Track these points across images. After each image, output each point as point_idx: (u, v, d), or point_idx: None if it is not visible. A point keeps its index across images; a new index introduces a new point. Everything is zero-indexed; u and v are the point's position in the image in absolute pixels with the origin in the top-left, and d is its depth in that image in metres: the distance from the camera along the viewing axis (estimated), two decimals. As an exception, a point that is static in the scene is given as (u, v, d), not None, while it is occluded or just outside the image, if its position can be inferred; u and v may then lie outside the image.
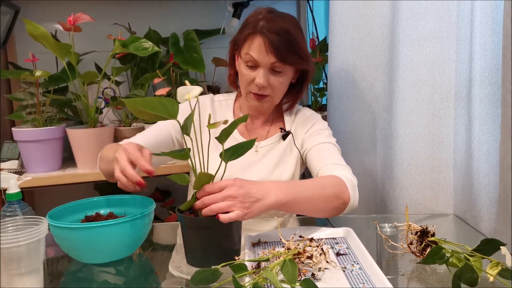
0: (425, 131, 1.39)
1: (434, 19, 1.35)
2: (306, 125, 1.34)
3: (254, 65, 1.22)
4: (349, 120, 1.62)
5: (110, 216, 1.07)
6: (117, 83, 1.82)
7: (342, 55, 1.60)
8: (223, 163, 0.93)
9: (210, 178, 0.95)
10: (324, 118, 1.90)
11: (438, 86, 1.36)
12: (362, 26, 1.53)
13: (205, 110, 1.34)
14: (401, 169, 1.43)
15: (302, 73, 1.31)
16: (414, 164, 1.41)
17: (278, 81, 1.23)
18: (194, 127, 0.91)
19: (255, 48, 1.20)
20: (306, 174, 1.39)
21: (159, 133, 1.30)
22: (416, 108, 1.39)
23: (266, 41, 1.18)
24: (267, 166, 1.30)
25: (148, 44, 1.53)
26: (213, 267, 0.83)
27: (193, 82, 1.88)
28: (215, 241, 0.91)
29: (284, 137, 1.34)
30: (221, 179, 0.96)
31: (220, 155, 0.92)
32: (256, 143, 1.33)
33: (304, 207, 1.09)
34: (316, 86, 1.97)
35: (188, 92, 0.87)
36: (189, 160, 0.94)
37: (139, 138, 1.28)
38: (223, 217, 0.91)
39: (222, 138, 0.91)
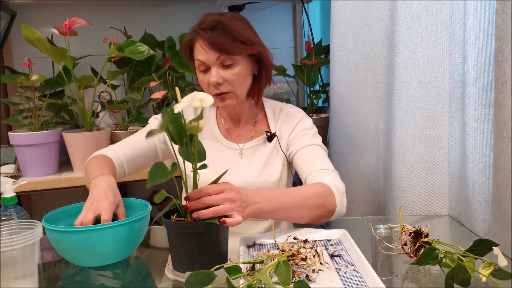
0: (420, 133, 1.40)
1: (428, 21, 1.36)
2: (290, 125, 1.31)
3: (206, 68, 1.22)
4: (352, 121, 1.63)
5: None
6: (113, 87, 1.83)
7: (344, 57, 1.61)
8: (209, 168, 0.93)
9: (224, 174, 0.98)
10: (323, 120, 1.92)
11: (433, 88, 1.37)
12: (363, 29, 1.54)
13: (188, 115, 1.33)
14: (397, 170, 1.44)
15: (259, 61, 1.27)
16: (409, 165, 1.42)
17: (231, 74, 1.20)
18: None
19: (198, 51, 1.21)
20: (297, 180, 1.38)
21: (142, 143, 1.32)
22: (412, 110, 1.40)
23: (202, 40, 1.18)
24: (253, 169, 1.29)
25: (144, 48, 1.54)
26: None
27: (189, 86, 1.88)
28: (204, 245, 0.90)
29: (269, 139, 1.32)
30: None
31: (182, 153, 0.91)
32: (240, 145, 1.32)
33: (286, 216, 1.10)
34: (312, 89, 1.97)
35: (201, 99, 0.83)
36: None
37: (123, 147, 1.31)
38: (230, 222, 0.91)
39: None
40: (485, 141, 1.18)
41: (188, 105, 0.83)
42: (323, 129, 1.93)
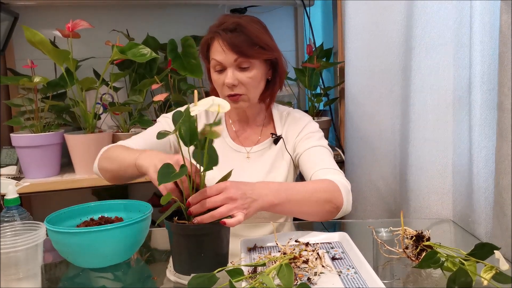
0: (431, 136, 1.41)
1: (440, 25, 1.38)
2: (297, 128, 1.33)
3: (221, 69, 1.22)
4: (368, 125, 1.64)
5: (107, 221, 1.07)
6: (115, 89, 1.83)
7: (358, 61, 1.63)
8: (216, 171, 0.93)
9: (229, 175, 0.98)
10: (324, 123, 1.92)
11: (443, 92, 1.39)
12: (378, 33, 1.56)
13: (199, 118, 1.34)
14: (411, 173, 1.46)
15: (274, 66, 1.28)
16: (421, 168, 1.44)
17: (247, 77, 1.21)
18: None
19: (216, 50, 1.21)
20: (299, 179, 1.39)
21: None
22: (423, 113, 1.42)
23: (222, 41, 1.19)
24: (259, 172, 1.30)
25: (146, 50, 1.54)
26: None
27: (191, 88, 1.89)
28: (205, 247, 0.90)
29: (275, 141, 1.33)
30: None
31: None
32: (247, 148, 1.33)
33: (294, 210, 1.09)
34: (313, 92, 1.98)
35: (219, 104, 0.84)
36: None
37: (138, 140, 1.30)
38: (230, 222, 0.91)
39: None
40: (490, 145, 1.19)
41: (205, 109, 0.84)
42: (325, 132, 1.94)
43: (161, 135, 0.88)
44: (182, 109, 0.94)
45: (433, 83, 1.39)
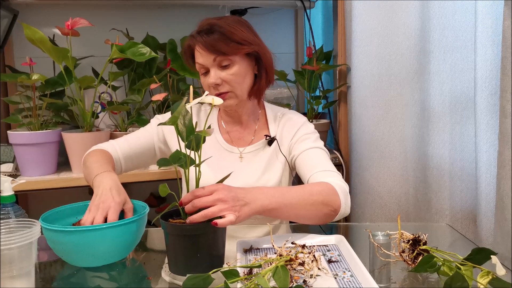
0: (449, 138, 1.44)
1: (456, 29, 1.40)
2: (292, 130, 1.32)
3: (206, 71, 1.24)
4: (376, 127, 1.65)
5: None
6: (114, 88, 1.83)
7: (365, 64, 1.63)
8: (207, 168, 0.94)
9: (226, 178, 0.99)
10: (322, 125, 1.92)
11: (459, 95, 1.41)
12: (387, 36, 1.57)
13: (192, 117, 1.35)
14: (432, 175, 1.48)
15: (258, 60, 1.28)
16: (442, 170, 1.46)
17: (229, 74, 1.22)
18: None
19: (197, 55, 1.24)
20: (296, 181, 1.38)
21: (142, 140, 1.34)
22: (441, 116, 1.44)
23: (197, 44, 1.21)
24: (252, 173, 1.29)
25: (146, 50, 1.54)
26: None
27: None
28: (201, 248, 0.90)
29: (269, 143, 1.32)
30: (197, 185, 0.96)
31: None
32: (240, 149, 1.33)
33: (291, 214, 1.09)
34: (313, 94, 1.97)
35: (213, 98, 0.92)
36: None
37: (123, 143, 1.32)
38: (221, 222, 0.91)
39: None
40: (491, 150, 1.19)
41: (199, 102, 0.88)
42: (323, 134, 1.94)
43: (160, 124, 0.95)
44: None
45: (451, 86, 1.42)
